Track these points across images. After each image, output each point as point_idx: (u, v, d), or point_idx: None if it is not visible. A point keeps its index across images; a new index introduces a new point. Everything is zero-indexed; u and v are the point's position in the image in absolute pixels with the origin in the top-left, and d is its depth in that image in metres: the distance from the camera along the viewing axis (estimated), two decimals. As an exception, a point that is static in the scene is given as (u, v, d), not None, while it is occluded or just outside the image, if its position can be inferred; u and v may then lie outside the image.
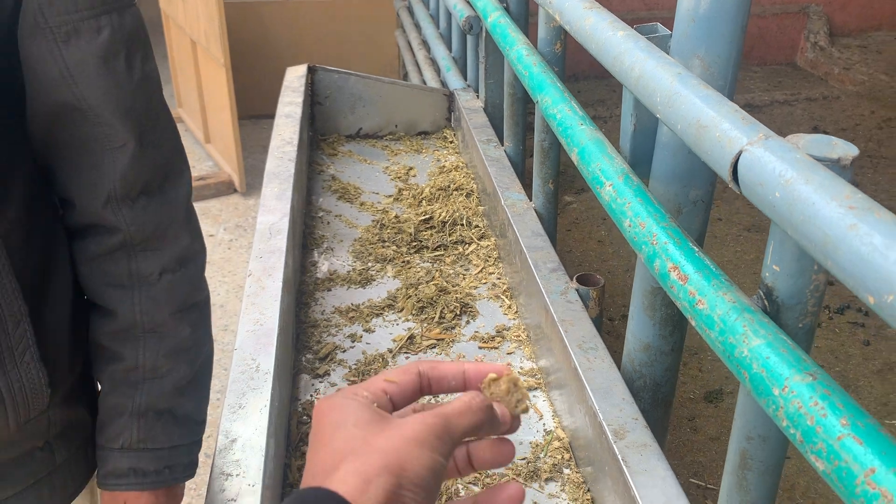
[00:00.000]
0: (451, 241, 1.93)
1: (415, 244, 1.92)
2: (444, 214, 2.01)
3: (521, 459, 1.31)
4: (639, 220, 1.06)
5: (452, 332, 1.62)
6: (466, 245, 1.93)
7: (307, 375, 1.49)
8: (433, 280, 1.77)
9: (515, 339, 1.61)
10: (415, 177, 2.29)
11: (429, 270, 1.81)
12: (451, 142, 2.52)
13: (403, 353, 1.55)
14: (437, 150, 2.47)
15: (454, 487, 1.25)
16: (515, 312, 1.69)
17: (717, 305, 0.86)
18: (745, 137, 0.80)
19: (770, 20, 5.57)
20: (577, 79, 5.24)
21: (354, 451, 0.48)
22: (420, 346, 1.58)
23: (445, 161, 2.37)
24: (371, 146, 2.50)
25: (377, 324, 1.64)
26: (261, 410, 1.14)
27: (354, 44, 4.98)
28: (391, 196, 2.16)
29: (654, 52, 1.07)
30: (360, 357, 1.53)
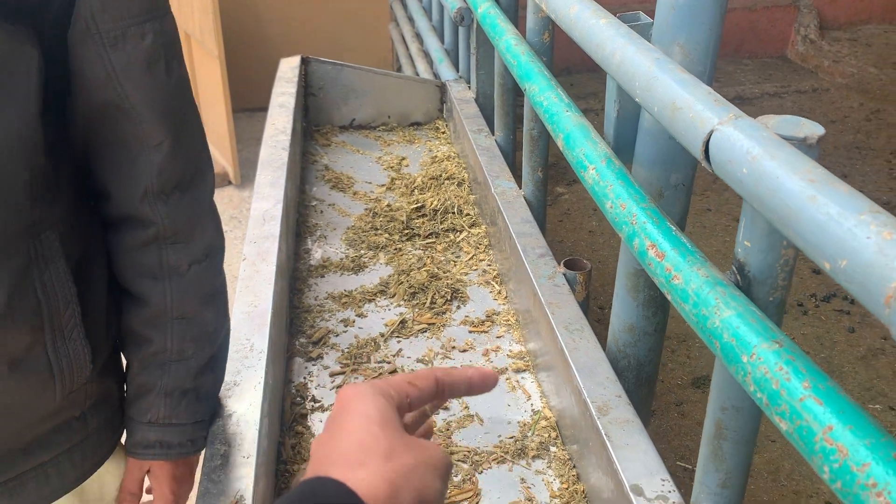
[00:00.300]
0: (443, 229, 1.97)
1: (407, 232, 1.95)
2: (436, 203, 2.04)
3: (510, 438, 1.35)
4: (619, 202, 1.10)
5: (443, 317, 1.66)
6: (458, 233, 1.96)
7: (301, 358, 1.52)
8: (424, 266, 1.80)
9: (505, 323, 1.64)
10: (407, 167, 2.32)
11: (420, 257, 1.85)
12: (443, 132, 2.55)
13: (395, 338, 1.59)
14: (430, 141, 2.50)
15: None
16: (505, 297, 1.72)
17: (692, 280, 0.90)
18: (717, 118, 0.83)
19: (761, 13, 5.61)
20: (570, 72, 5.27)
21: (381, 455, 0.50)
22: (411, 331, 1.61)
23: (437, 151, 2.40)
24: (364, 136, 2.53)
25: (370, 309, 1.67)
26: (255, 387, 1.18)
27: (349, 38, 5.00)
28: (384, 185, 2.20)
29: (635, 39, 1.11)
30: (353, 341, 1.57)
